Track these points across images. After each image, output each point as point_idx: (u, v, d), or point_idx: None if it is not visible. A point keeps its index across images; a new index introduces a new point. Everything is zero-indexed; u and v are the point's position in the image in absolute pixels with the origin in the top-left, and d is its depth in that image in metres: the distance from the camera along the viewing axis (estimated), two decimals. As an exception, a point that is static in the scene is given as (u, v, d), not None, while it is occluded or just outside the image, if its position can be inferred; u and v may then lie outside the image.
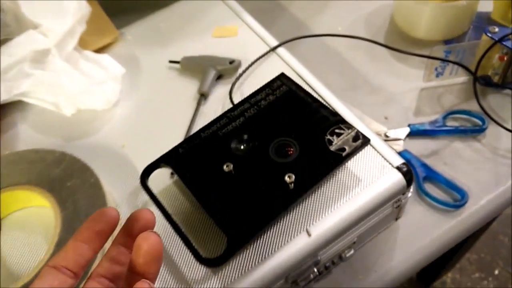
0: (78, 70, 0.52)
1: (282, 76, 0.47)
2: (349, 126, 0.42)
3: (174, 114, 0.52)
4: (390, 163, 0.44)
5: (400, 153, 0.56)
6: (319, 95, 0.50)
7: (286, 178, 0.39)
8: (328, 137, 0.42)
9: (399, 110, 0.60)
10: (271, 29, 0.61)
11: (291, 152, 0.41)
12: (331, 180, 0.42)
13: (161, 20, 0.62)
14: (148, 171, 0.42)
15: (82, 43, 0.57)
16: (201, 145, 0.43)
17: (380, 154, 0.44)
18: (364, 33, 0.70)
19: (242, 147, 0.42)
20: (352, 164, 0.43)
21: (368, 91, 0.63)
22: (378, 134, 0.58)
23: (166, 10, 0.63)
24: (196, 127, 0.50)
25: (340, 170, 0.43)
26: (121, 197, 0.46)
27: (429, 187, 0.53)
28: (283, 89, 0.46)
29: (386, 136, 0.57)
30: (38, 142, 0.52)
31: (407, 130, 0.58)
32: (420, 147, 0.56)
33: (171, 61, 0.56)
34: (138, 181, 0.41)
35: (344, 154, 0.40)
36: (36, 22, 0.52)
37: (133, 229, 0.27)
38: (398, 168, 0.44)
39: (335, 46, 0.68)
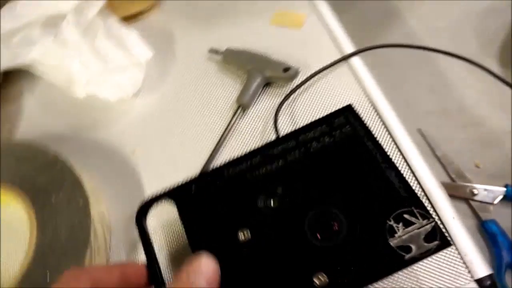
0: (95, 48, 0.41)
1: (349, 110, 0.34)
2: (426, 215, 0.29)
3: (203, 122, 0.41)
4: (469, 271, 0.31)
5: (484, 222, 0.42)
6: (395, 142, 0.37)
7: (315, 280, 0.27)
8: (392, 223, 0.29)
9: (498, 157, 0.45)
10: (345, 14, 0.46)
11: (335, 229, 0.30)
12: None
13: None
14: (147, 206, 0.32)
15: (109, 6, 0.46)
16: (221, 188, 0.32)
17: (460, 256, 0.31)
18: (472, 40, 0.53)
19: (272, 204, 0.31)
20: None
21: (461, 123, 0.48)
22: (463, 188, 0.44)
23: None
24: (227, 146, 0.39)
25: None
26: (116, 219, 0.37)
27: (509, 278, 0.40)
28: (345, 131, 0.33)
29: (473, 194, 0.43)
30: (40, 123, 0.44)
31: (502, 191, 0.43)
32: (515, 220, 0.42)
33: (211, 50, 0.44)
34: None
35: (407, 257, 0.28)
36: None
37: None
38: (479, 282, 0.31)
39: (430, 53, 0.52)
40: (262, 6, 0.46)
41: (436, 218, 0.32)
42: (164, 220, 0.35)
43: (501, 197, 0.43)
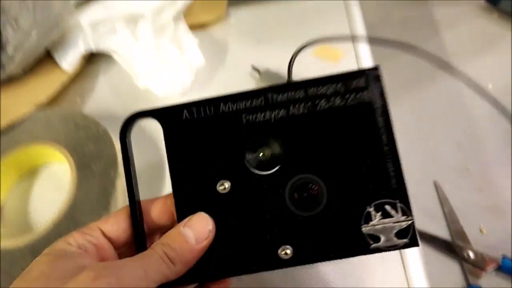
0: (159, 46, 0.49)
1: (373, 73, 0.28)
2: (407, 212, 0.27)
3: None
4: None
5: (469, 286, 0.43)
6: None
7: (280, 252, 0.27)
8: (371, 209, 0.27)
9: (504, 228, 0.45)
10: (395, 60, 0.49)
11: (314, 204, 0.28)
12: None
13: (273, 13, 0.54)
14: (131, 121, 0.31)
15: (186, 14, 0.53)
16: (214, 122, 0.29)
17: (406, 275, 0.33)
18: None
19: (260, 156, 0.29)
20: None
21: (478, 185, 0.48)
22: (460, 248, 0.44)
23: (283, 4, 0.55)
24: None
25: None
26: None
27: None
28: (360, 97, 0.28)
29: (468, 256, 0.44)
30: (103, 101, 0.52)
31: (497, 261, 0.43)
32: (503, 292, 0.42)
33: (254, 68, 0.50)
34: (161, 189, 0.39)
35: (373, 246, 0.27)
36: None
37: None
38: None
39: (470, 110, 0.52)
40: (313, 36, 0.50)
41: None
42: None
43: (494, 266, 0.43)
